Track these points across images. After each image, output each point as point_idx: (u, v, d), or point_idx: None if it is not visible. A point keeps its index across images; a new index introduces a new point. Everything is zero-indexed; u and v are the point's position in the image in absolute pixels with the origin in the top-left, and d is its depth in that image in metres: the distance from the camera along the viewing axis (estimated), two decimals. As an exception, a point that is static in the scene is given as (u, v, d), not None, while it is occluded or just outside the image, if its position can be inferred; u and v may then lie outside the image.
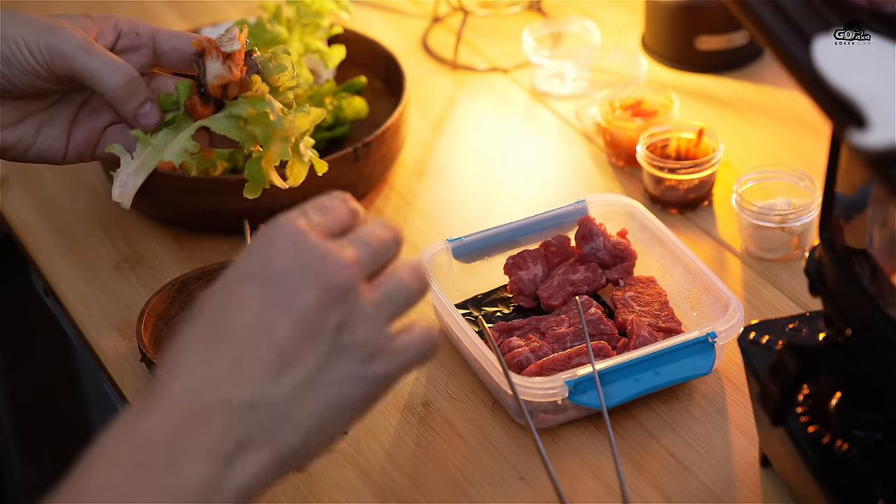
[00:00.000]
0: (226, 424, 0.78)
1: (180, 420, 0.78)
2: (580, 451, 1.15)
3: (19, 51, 1.03)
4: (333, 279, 0.81)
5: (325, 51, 1.51)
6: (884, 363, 0.91)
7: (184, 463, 0.77)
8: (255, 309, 0.80)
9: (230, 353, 0.79)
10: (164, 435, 0.78)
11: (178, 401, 0.79)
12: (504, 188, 1.48)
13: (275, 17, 1.49)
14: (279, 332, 0.79)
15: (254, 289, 0.80)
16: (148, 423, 0.78)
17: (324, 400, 0.81)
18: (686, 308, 1.25)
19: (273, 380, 0.79)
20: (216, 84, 1.05)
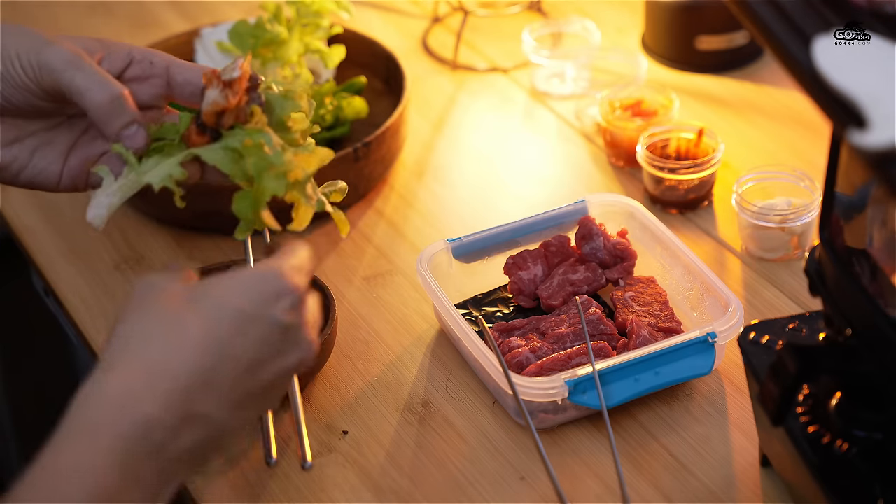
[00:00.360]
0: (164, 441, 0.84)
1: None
2: (580, 451, 1.15)
3: (12, 65, 1.00)
4: (307, 360, 0.92)
5: (325, 51, 1.51)
6: (884, 363, 0.91)
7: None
8: (252, 346, 0.88)
9: (205, 365, 0.86)
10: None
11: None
12: (504, 188, 1.48)
13: (275, 17, 1.49)
14: (258, 378, 0.89)
15: (257, 328, 0.88)
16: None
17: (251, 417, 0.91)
18: (686, 308, 1.25)
19: (227, 410, 0.87)
20: (210, 111, 1.00)
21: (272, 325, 0.88)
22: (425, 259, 1.26)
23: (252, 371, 0.88)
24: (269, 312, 0.88)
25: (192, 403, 0.84)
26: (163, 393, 0.83)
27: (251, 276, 0.89)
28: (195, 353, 0.85)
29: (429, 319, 1.30)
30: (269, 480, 1.14)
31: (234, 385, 0.87)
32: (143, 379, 0.83)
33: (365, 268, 1.37)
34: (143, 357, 0.84)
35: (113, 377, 0.83)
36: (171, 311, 0.86)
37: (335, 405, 1.21)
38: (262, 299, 0.88)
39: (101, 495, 0.80)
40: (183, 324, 0.86)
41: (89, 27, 1.80)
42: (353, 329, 1.29)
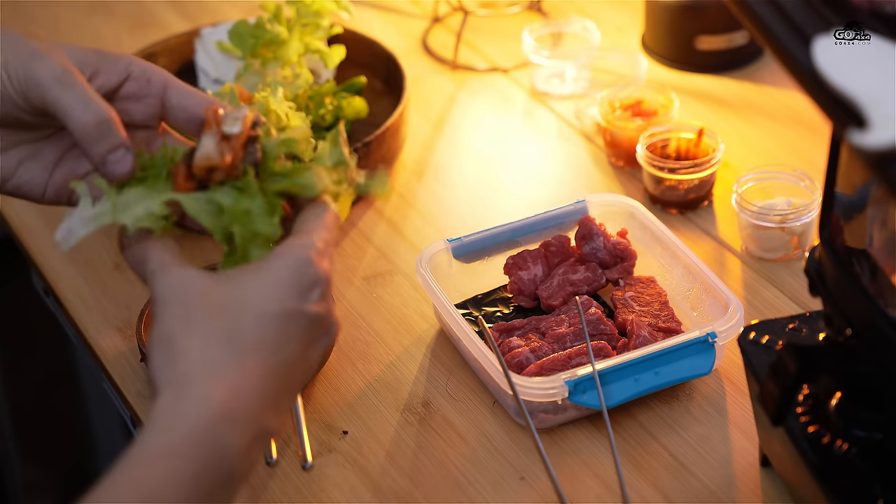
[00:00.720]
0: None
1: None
2: (580, 451, 1.15)
3: (0, 76, 0.95)
4: (334, 339, 0.93)
5: (325, 51, 1.51)
6: (884, 363, 0.91)
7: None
8: (297, 345, 0.88)
9: (267, 378, 0.86)
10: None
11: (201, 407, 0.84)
12: (504, 188, 1.48)
13: (275, 17, 1.49)
14: (299, 373, 0.89)
15: (299, 325, 0.88)
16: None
17: None
18: (686, 308, 1.25)
19: (278, 415, 0.88)
20: (201, 165, 0.92)
21: (308, 320, 0.88)
22: (425, 259, 1.26)
23: (295, 369, 0.88)
24: (305, 307, 0.88)
25: (262, 422, 0.85)
26: (240, 415, 0.84)
27: (284, 272, 0.88)
28: (256, 371, 0.85)
29: (429, 319, 1.30)
30: (269, 480, 1.14)
31: (283, 388, 0.87)
32: (220, 401, 0.83)
33: (365, 268, 1.37)
34: (213, 380, 0.84)
35: (187, 402, 0.83)
36: (221, 322, 0.86)
37: (335, 405, 1.21)
38: (299, 294, 0.88)
39: None
40: (238, 339, 0.85)
41: (89, 27, 1.80)
42: (353, 329, 1.29)
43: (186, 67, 1.59)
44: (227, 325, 0.86)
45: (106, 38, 1.78)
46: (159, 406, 0.83)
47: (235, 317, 0.86)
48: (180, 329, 0.86)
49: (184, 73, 1.58)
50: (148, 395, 0.85)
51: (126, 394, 1.23)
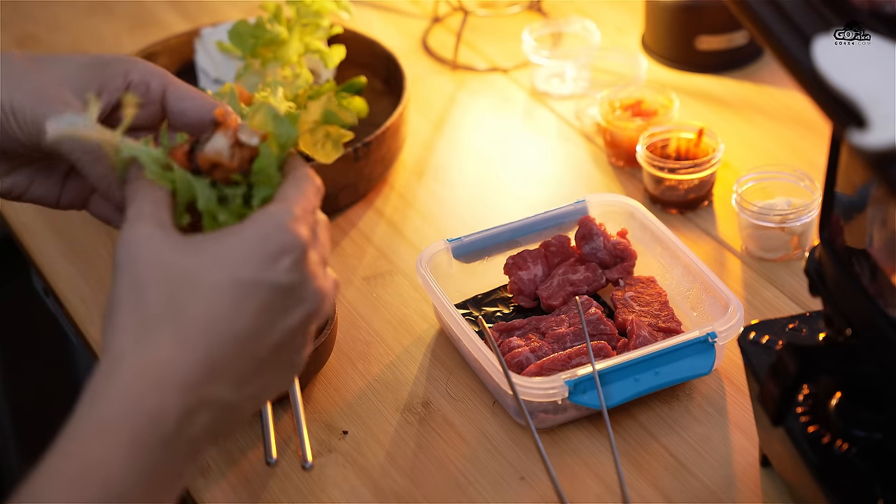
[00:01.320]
0: (183, 413, 0.83)
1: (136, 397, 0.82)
2: (580, 451, 1.15)
3: (7, 119, 0.94)
4: (319, 312, 0.88)
5: (325, 51, 1.51)
6: (884, 363, 0.91)
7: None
8: (253, 317, 0.85)
9: (211, 349, 0.84)
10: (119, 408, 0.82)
11: (138, 380, 0.83)
12: (504, 188, 1.48)
13: (275, 17, 1.49)
14: (263, 346, 0.86)
15: (256, 296, 0.85)
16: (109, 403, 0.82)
17: (271, 388, 0.89)
18: (686, 308, 1.25)
19: (236, 389, 0.85)
20: (209, 157, 0.91)
21: (270, 290, 0.85)
22: (425, 259, 1.26)
23: (256, 341, 0.85)
24: (266, 277, 0.84)
25: (200, 390, 0.83)
26: (170, 386, 0.82)
27: (248, 239, 0.85)
28: (198, 342, 0.83)
29: (429, 319, 1.30)
30: (269, 480, 1.14)
31: (239, 362, 0.85)
32: (150, 372, 0.82)
33: (365, 268, 1.37)
34: (146, 350, 0.83)
35: (120, 372, 0.82)
36: (169, 291, 0.84)
37: (335, 405, 1.21)
38: (261, 262, 0.84)
39: (115, 489, 0.80)
40: (182, 309, 0.83)
41: (89, 27, 1.80)
42: (353, 329, 1.29)
43: (186, 67, 1.59)
44: (174, 297, 0.84)
45: (106, 38, 1.78)
46: (95, 376, 0.83)
47: (184, 289, 0.84)
48: (126, 298, 0.84)
49: (184, 73, 1.58)
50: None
51: None
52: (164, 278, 0.84)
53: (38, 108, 0.94)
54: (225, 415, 0.85)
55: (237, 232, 0.86)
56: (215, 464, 1.15)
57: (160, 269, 0.85)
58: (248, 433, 1.18)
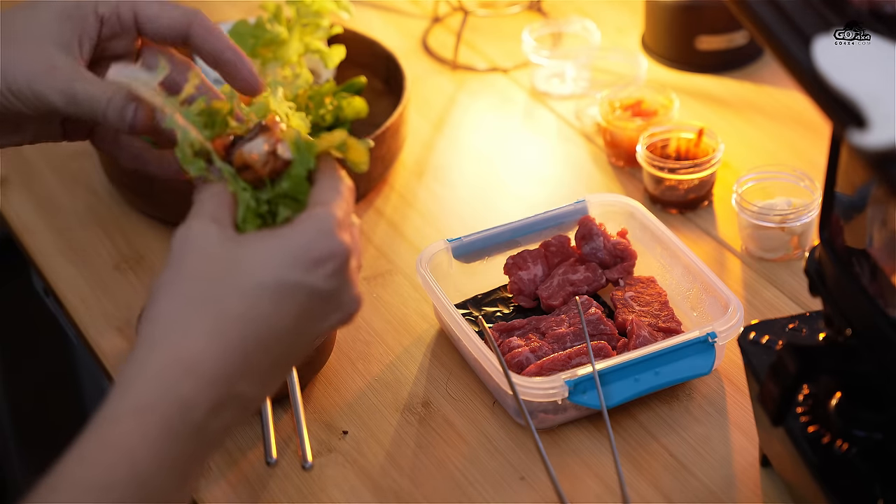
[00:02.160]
0: (214, 403, 0.83)
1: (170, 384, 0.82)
2: (580, 451, 1.15)
3: (4, 98, 0.95)
4: (352, 318, 0.89)
5: (325, 51, 1.51)
6: (884, 363, 0.91)
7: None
8: (291, 319, 0.85)
9: (247, 346, 0.84)
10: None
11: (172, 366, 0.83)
12: (504, 188, 1.48)
13: (275, 17, 1.49)
14: (296, 349, 0.87)
15: (297, 299, 0.85)
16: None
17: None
18: (686, 308, 1.25)
19: (261, 385, 0.86)
20: (244, 157, 0.92)
21: (312, 294, 0.85)
22: (425, 259, 1.26)
23: (292, 342, 0.86)
24: (309, 281, 0.85)
25: (232, 385, 0.83)
26: (203, 377, 0.82)
27: (295, 241, 0.85)
28: (233, 333, 0.83)
29: (429, 319, 1.30)
30: (269, 480, 1.14)
31: (273, 360, 0.85)
32: (185, 362, 0.82)
33: (365, 268, 1.37)
34: (183, 340, 0.83)
35: (155, 359, 0.82)
36: (207, 283, 0.84)
37: (335, 405, 1.21)
38: (305, 267, 0.85)
39: (144, 474, 0.80)
40: (219, 300, 0.83)
41: (89, 27, 1.80)
42: (353, 329, 1.29)
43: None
44: (217, 291, 0.84)
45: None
46: (129, 362, 0.83)
47: (227, 284, 0.84)
48: (169, 286, 0.85)
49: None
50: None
51: None
52: (208, 271, 0.85)
53: (36, 82, 0.95)
54: (247, 408, 0.85)
55: (284, 234, 0.86)
56: (215, 464, 1.15)
57: (205, 262, 0.85)
58: (248, 433, 1.18)
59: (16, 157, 1.55)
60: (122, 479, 0.79)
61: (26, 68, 0.95)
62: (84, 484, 0.79)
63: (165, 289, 0.85)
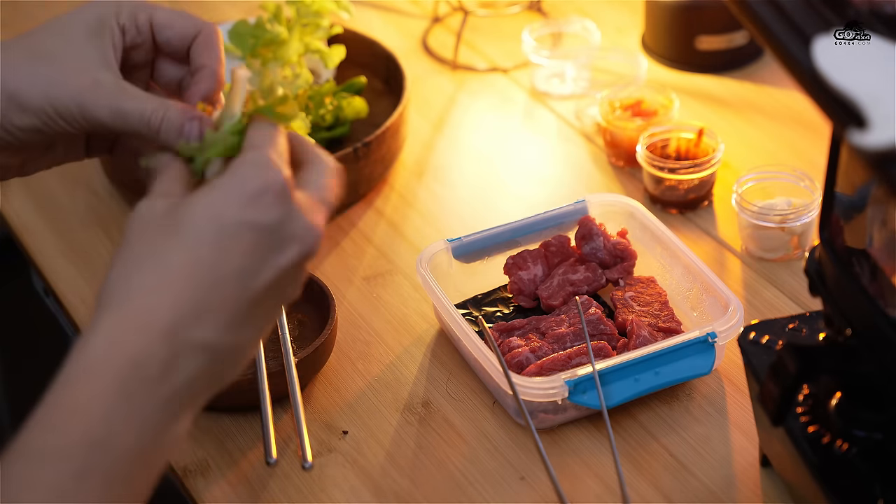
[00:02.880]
0: (172, 357, 0.82)
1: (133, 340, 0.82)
2: (580, 451, 1.15)
3: (52, 121, 0.94)
4: (313, 249, 0.87)
5: (325, 51, 1.51)
6: (884, 363, 0.91)
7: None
8: (240, 258, 0.84)
9: (197, 294, 0.83)
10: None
11: (136, 320, 0.82)
12: (504, 188, 1.48)
13: (275, 17, 1.49)
14: (254, 287, 0.84)
15: (240, 237, 0.84)
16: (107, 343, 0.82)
17: (265, 326, 0.88)
18: (686, 308, 1.25)
19: (229, 331, 0.84)
20: None
21: (256, 230, 0.84)
22: (425, 259, 1.26)
23: (247, 283, 0.84)
24: (248, 217, 0.84)
25: (186, 333, 0.82)
26: (151, 328, 0.81)
27: (228, 184, 0.85)
28: (179, 283, 0.82)
29: (429, 319, 1.30)
30: (269, 480, 1.14)
31: (228, 304, 0.84)
32: (132, 318, 0.82)
33: (365, 268, 1.37)
34: (129, 297, 0.82)
35: (100, 323, 0.82)
36: (153, 243, 0.84)
37: (335, 405, 1.21)
38: (240, 203, 0.84)
39: (99, 434, 0.79)
40: (164, 255, 0.83)
41: (89, 27, 1.80)
42: (353, 329, 1.29)
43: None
44: (159, 248, 0.84)
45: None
46: (85, 330, 0.83)
47: (168, 238, 0.84)
48: (117, 257, 0.85)
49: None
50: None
51: None
52: (151, 234, 0.84)
53: (75, 95, 0.94)
54: (218, 358, 0.84)
55: (217, 182, 0.85)
56: (215, 464, 1.15)
57: (148, 228, 0.85)
58: (248, 433, 1.18)
59: (16, 157, 1.55)
60: (77, 442, 0.78)
61: (71, 87, 0.94)
62: (41, 448, 0.78)
63: (114, 261, 0.85)
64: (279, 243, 0.85)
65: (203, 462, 1.16)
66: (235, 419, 1.20)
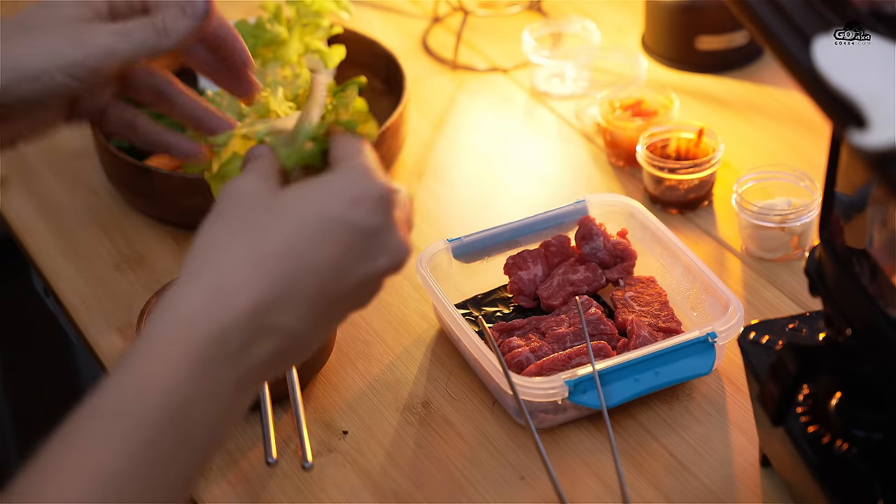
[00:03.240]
0: (247, 340, 0.82)
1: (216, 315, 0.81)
2: (580, 451, 1.15)
3: (51, 77, 0.94)
4: (400, 265, 0.88)
5: (325, 51, 1.51)
6: (884, 363, 0.91)
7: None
8: (334, 254, 0.85)
9: (286, 279, 0.83)
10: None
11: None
12: (504, 188, 1.48)
13: (275, 17, 1.49)
14: (340, 285, 0.85)
15: (338, 234, 0.85)
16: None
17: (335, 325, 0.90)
18: (686, 308, 1.25)
19: (307, 321, 0.84)
20: None
21: (355, 230, 0.85)
22: (425, 259, 1.26)
23: (335, 279, 0.85)
24: (351, 216, 0.85)
25: (270, 315, 0.82)
26: (239, 305, 0.81)
27: (335, 180, 0.86)
28: (273, 265, 0.82)
29: (429, 319, 1.30)
30: (269, 480, 1.14)
31: (315, 295, 0.84)
32: (220, 291, 0.81)
33: (365, 268, 1.37)
34: (220, 269, 0.82)
35: (189, 291, 0.82)
36: (250, 221, 0.84)
37: (335, 405, 1.21)
38: (345, 202, 0.85)
39: (175, 408, 0.79)
40: (261, 234, 0.83)
41: (89, 27, 1.80)
42: (353, 329, 1.29)
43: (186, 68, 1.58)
44: (258, 226, 0.84)
45: None
46: (164, 298, 0.82)
47: (269, 218, 0.84)
48: (212, 224, 0.85)
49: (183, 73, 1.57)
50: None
51: None
52: (251, 211, 0.85)
53: (77, 40, 0.94)
54: (289, 344, 0.84)
55: (322, 180, 0.86)
56: (215, 464, 1.15)
57: (249, 204, 0.85)
58: (248, 433, 1.18)
59: (16, 157, 1.55)
60: (150, 411, 0.78)
61: (68, 35, 0.95)
62: (116, 411, 0.78)
63: (205, 228, 0.85)
64: (373, 249, 0.86)
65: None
66: (235, 419, 1.20)
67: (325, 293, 0.85)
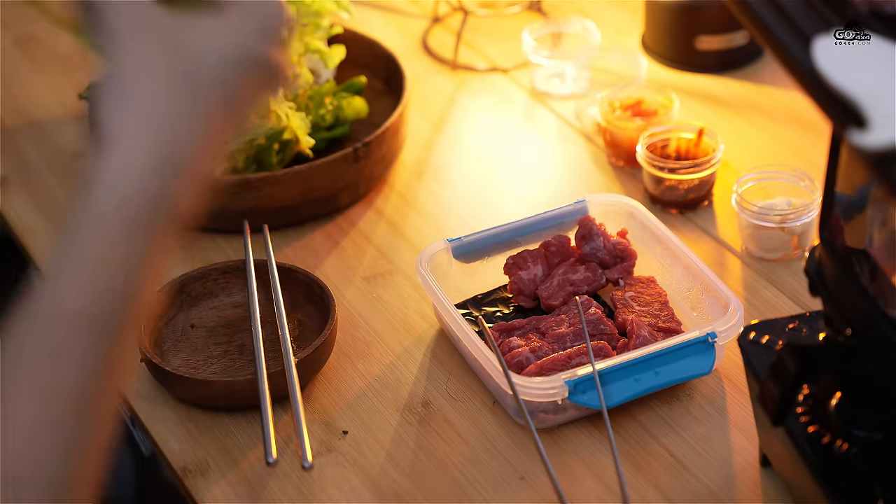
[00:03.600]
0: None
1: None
2: (580, 451, 1.15)
3: None
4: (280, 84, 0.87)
5: (325, 51, 1.51)
6: (884, 363, 0.91)
7: None
8: (243, 85, 0.84)
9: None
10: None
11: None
12: (504, 188, 1.48)
13: (275, 17, 1.49)
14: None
15: (250, 69, 0.84)
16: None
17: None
18: (686, 308, 1.25)
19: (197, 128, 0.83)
20: None
21: (259, 63, 0.84)
22: (425, 259, 1.26)
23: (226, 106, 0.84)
24: (262, 51, 0.84)
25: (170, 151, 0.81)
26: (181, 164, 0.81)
27: (246, 14, 0.85)
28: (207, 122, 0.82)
29: (429, 319, 1.30)
30: (269, 480, 1.14)
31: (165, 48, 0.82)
32: (167, 151, 0.81)
33: (365, 268, 1.37)
34: (158, 134, 0.81)
35: (139, 147, 0.81)
36: (177, 66, 0.82)
37: (335, 405, 1.21)
38: (259, 38, 0.84)
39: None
40: (196, 84, 0.82)
41: (89, 27, 1.80)
42: (353, 329, 1.29)
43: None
44: (182, 67, 0.83)
45: None
46: (106, 158, 0.81)
47: (192, 58, 0.83)
48: (135, 71, 0.83)
49: None
50: (93, 141, 0.81)
51: (125, 393, 1.23)
52: (169, 48, 0.83)
53: None
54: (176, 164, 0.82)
55: (229, 10, 0.85)
56: (215, 464, 1.15)
57: (164, 37, 0.83)
58: (248, 433, 1.18)
59: (16, 157, 1.55)
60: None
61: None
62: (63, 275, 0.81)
63: (134, 72, 0.83)
64: (270, 77, 0.86)
65: (203, 462, 1.16)
66: (235, 419, 1.20)
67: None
